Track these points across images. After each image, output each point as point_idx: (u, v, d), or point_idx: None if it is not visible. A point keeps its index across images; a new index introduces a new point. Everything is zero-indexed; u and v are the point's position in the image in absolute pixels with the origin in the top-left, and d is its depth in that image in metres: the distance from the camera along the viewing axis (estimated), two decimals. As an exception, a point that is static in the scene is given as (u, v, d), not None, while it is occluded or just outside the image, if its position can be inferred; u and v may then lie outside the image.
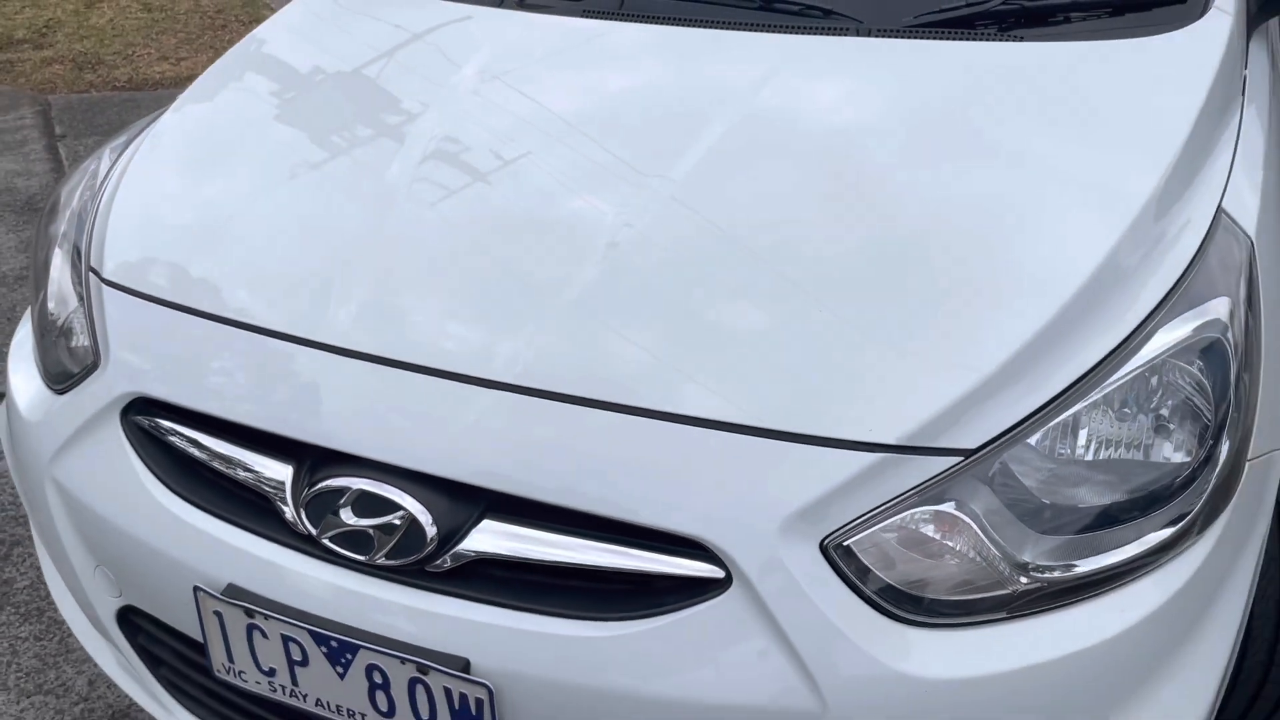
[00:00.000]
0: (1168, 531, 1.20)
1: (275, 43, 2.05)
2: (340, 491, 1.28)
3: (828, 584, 1.16)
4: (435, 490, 1.26)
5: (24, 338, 1.73)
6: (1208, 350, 1.27)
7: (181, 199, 1.65)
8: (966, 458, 1.18)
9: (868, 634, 1.15)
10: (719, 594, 1.17)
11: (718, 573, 1.18)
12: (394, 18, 2.02)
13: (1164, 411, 1.24)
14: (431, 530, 1.25)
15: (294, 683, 1.34)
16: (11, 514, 2.57)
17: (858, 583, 1.17)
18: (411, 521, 1.25)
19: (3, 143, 5.16)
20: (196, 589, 1.34)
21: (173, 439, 1.43)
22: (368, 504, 1.27)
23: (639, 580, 1.22)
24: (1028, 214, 1.37)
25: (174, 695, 1.58)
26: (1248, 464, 1.29)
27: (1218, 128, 1.56)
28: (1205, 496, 1.22)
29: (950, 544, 1.18)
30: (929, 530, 1.18)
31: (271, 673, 1.35)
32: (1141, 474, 1.23)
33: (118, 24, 7.09)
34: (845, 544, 1.17)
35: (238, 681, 1.39)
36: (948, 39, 1.72)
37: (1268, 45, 2.07)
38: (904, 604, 1.17)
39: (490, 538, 1.25)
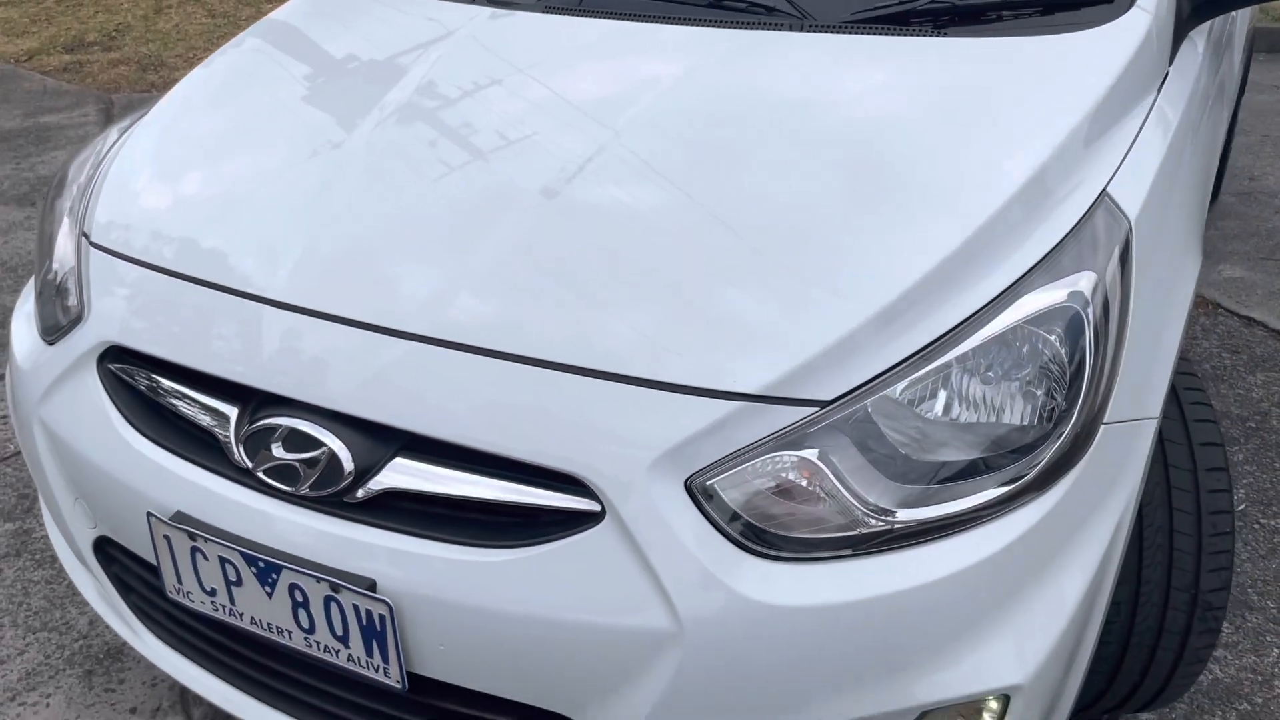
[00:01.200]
0: (1005, 489, 1.30)
1: (271, 33, 2.23)
2: (273, 429, 1.43)
3: (689, 519, 1.28)
4: (355, 430, 1.40)
5: (26, 300, 1.91)
6: (1066, 321, 1.37)
7: (164, 172, 1.83)
8: (822, 408, 1.29)
9: (723, 564, 1.26)
10: (593, 526, 1.30)
11: (594, 506, 1.30)
12: (380, 14, 2.19)
13: (1016, 375, 1.34)
14: (349, 465, 1.39)
15: (232, 601, 1.49)
16: (35, 471, 2.76)
17: (717, 518, 1.28)
18: (331, 457, 1.39)
19: (65, 136, 5.46)
20: (149, 515, 1.50)
21: (139, 383, 1.60)
22: (296, 441, 1.42)
23: (527, 513, 1.35)
24: (910, 183, 1.48)
25: (142, 620, 1.75)
26: (1103, 426, 1.37)
27: (1119, 118, 1.64)
28: (1047, 459, 1.31)
29: (806, 487, 1.29)
30: (787, 473, 1.29)
31: (213, 593, 1.50)
32: (990, 432, 1.32)
33: (182, 29, 7.41)
34: (707, 483, 1.28)
35: (186, 602, 1.54)
36: (881, 34, 1.83)
37: (1212, 47, 2.14)
38: (759, 539, 1.28)
39: (400, 474, 1.38)
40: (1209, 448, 1.64)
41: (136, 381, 1.61)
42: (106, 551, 1.74)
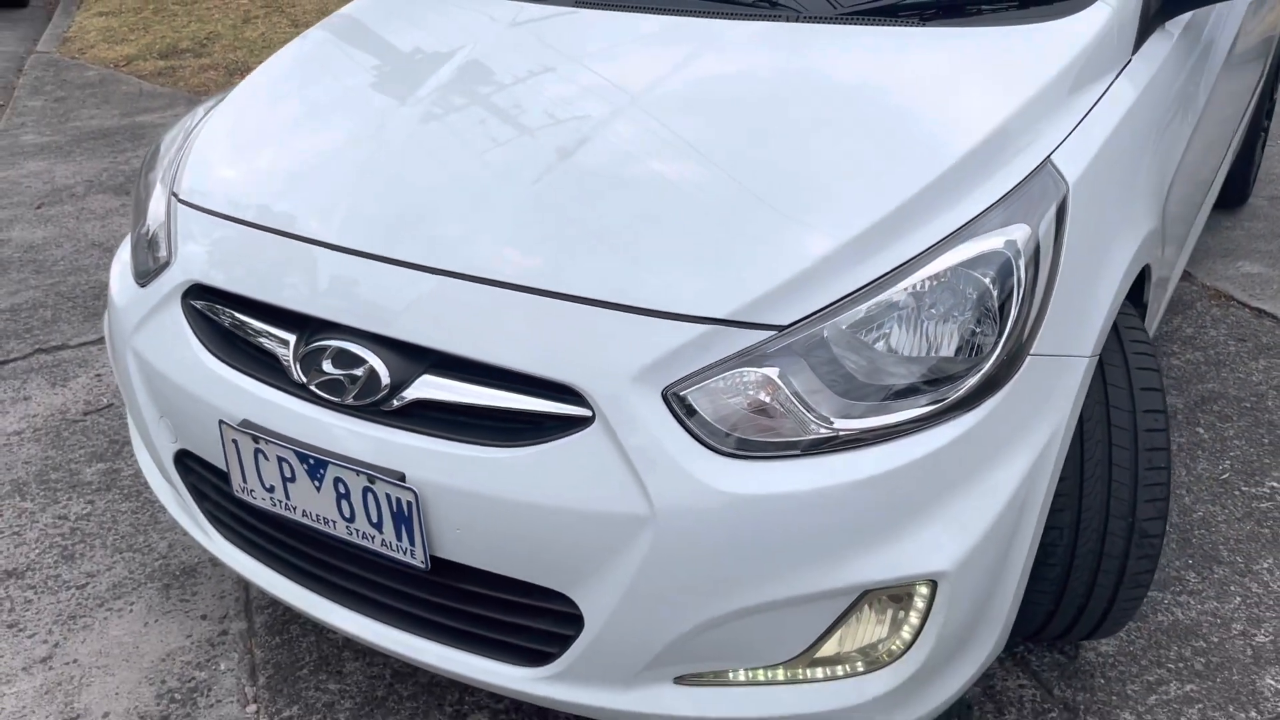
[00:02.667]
0: (931, 407, 1.51)
1: (334, 27, 2.54)
2: (324, 350, 1.70)
3: (664, 422, 1.51)
4: (391, 350, 1.67)
5: (123, 253, 2.22)
6: (999, 265, 1.58)
7: (240, 142, 2.13)
8: (780, 331, 1.52)
9: (690, 459, 1.50)
10: (585, 428, 1.54)
11: (586, 412, 1.55)
12: (435, 8, 2.48)
13: (953, 310, 1.55)
14: (386, 379, 1.65)
15: (287, 496, 1.76)
16: (126, 420, 3.10)
17: (688, 422, 1.52)
18: (371, 373, 1.66)
19: (158, 134, 5.87)
20: (221, 422, 1.78)
21: (216, 315, 1.89)
22: (343, 360, 1.69)
23: (531, 419, 1.59)
24: (876, 140, 1.72)
25: (213, 524, 2.04)
26: (1030, 357, 1.58)
27: (1072, 97, 1.85)
28: (971, 384, 1.53)
29: (765, 399, 1.52)
30: (749, 387, 1.52)
31: (271, 489, 1.77)
32: (927, 359, 1.54)
33: (268, 37, 7.84)
34: (681, 393, 1.52)
35: (250, 499, 1.82)
36: (872, 24, 2.06)
37: (1199, 44, 2.33)
38: (723, 440, 1.51)
39: (428, 387, 1.64)
40: (1148, 392, 1.83)
41: (213, 314, 1.90)
42: (185, 464, 2.03)
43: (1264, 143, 4.52)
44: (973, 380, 1.54)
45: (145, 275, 2.03)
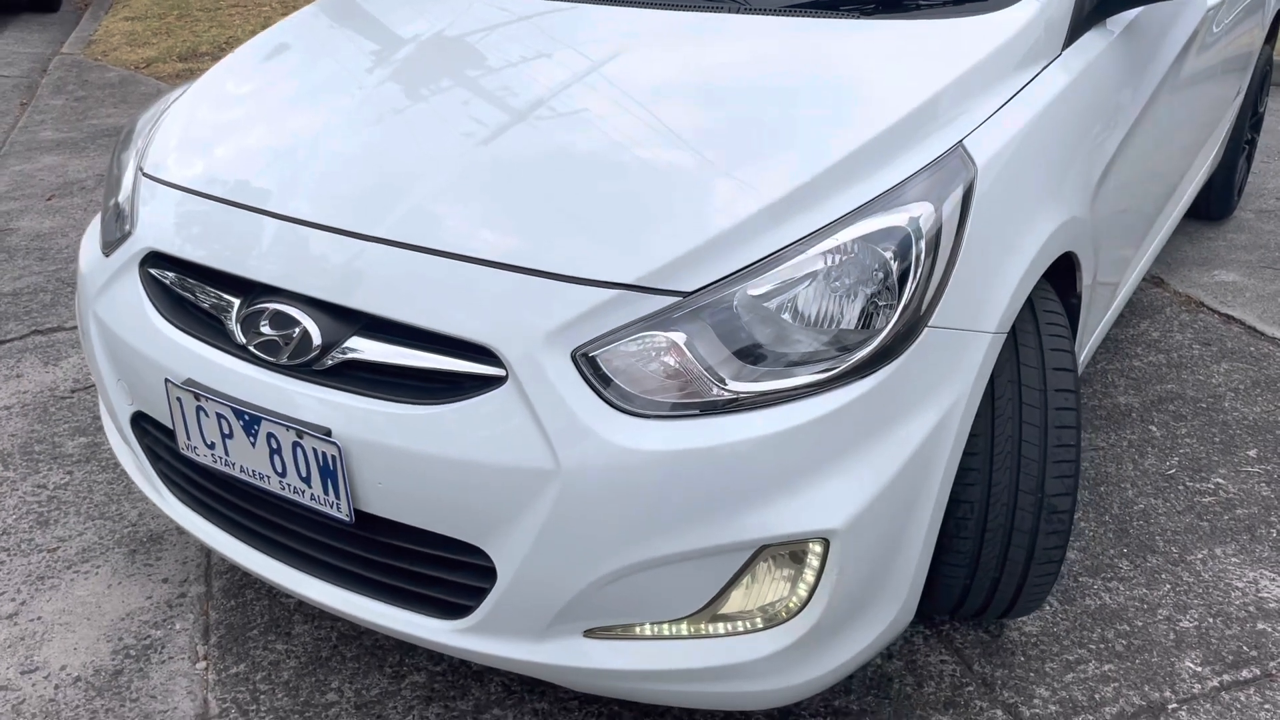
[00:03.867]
0: (824, 375, 1.58)
1: (306, 15, 2.64)
2: (263, 311, 1.79)
3: (572, 382, 1.59)
4: (324, 312, 1.75)
5: (94, 226, 2.32)
6: (899, 240, 1.65)
7: (204, 120, 2.23)
8: (684, 297, 1.59)
9: (595, 417, 1.57)
10: (499, 386, 1.62)
11: (500, 372, 1.62)
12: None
13: (854, 282, 1.62)
14: (318, 340, 1.74)
15: (226, 453, 1.85)
16: (107, 395, 3.20)
17: (595, 383, 1.59)
18: (304, 334, 1.75)
19: (168, 132, 6.00)
20: (166, 381, 1.87)
21: (168, 281, 1.98)
22: (279, 321, 1.78)
23: (451, 379, 1.67)
24: (798, 118, 1.79)
25: (166, 484, 2.13)
26: (928, 329, 1.65)
27: (992, 85, 1.92)
28: (865, 352, 1.59)
29: (670, 362, 1.59)
30: (655, 350, 1.59)
31: (212, 445, 1.86)
32: (826, 327, 1.61)
33: (284, 41, 7.96)
34: (590, 354, 1.60)
35: (194, 456, 1.91)
36: (814, 17, 2.14)
37: (1145, 47, 2.39)
38: (628, 400, 1.58)
39: (358, 348, 1.73)
40: (1060, 372, 1.89)
41: (167, 280, 1.99)
42: (141, 425, 2.12)
43: (1249, 156, 4.55)
44: (868, 350, 1.60)
45: (110, 245, 2.13)
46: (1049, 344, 1.91)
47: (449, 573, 1.75)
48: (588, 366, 1.60)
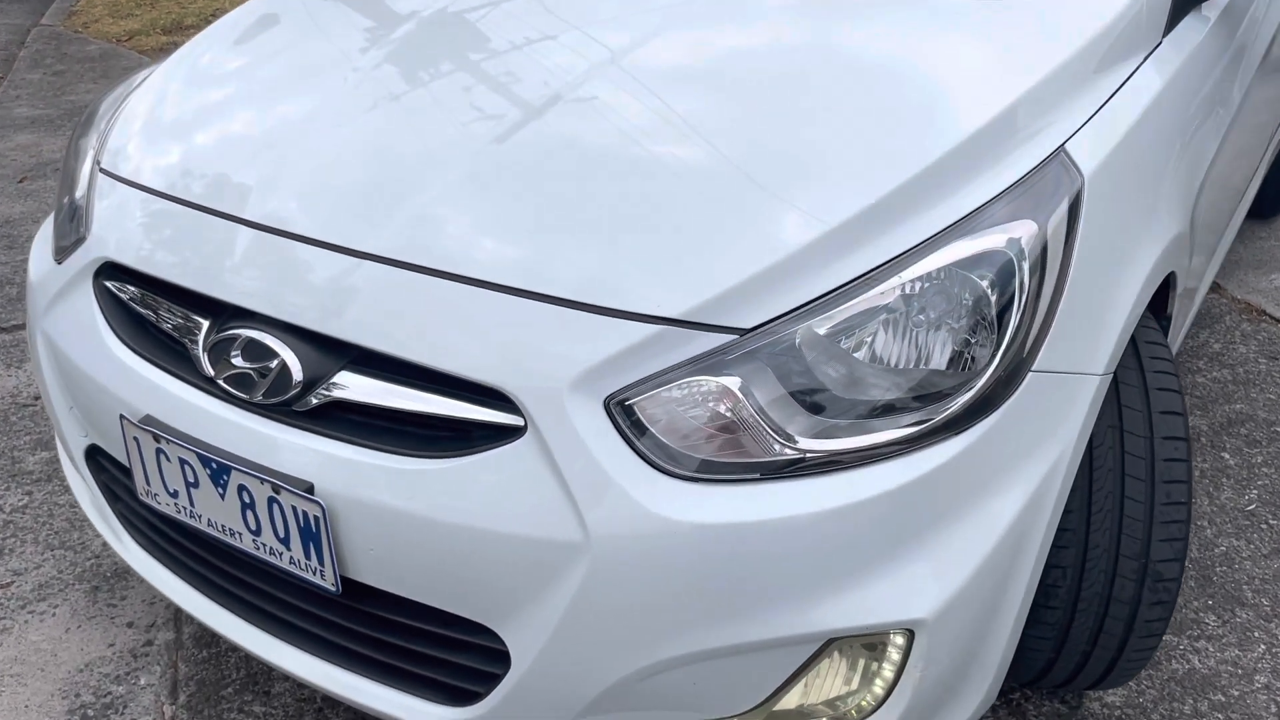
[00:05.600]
0: (914, 429, 1.30)
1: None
2: (235, 339, 1.51)
3: (604, 435, 1.31)
4: (307, 342, 1.47)
5: (46, 227, 2.03)
6: (998, 267, 1.37)
7: (170, 108, 1.93)
8: (742, 335, 1.31)
9: (632, 479, 1.29)
10: (515, 439, 1.34)
11: (517, 421, 1.35)
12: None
13: (944, 317, 1.34)
14: (299, 375, 1.46)
15: (191, 503, 1.57)
16: (72, 405, 2.91)
17: (631, 437, 1.31)
18: (283, 367, 1.46)
19: (150, 110, 5.70)
20: (122, 417, 1.59)
21: (127, 298, 1.69)
22: (254, 351, 1.49)
23: (458, 427, 1.40)
24: (869, 118, 1.50)
25: (126, 528, 1.85)
26: (1031, 374, 1.37)
27: (1092, 78, 1.63)
28: (960, 404, 1.32)
29: (722, 412, 1.31)
30: (704, 398, 1.32)
31: (175, 494, 1.58)
32: (912, 372, 1.33)
33: (274, 15, 7.64)
34: (626, 402, 1.32)
35: (154, 503, 1.63)
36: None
37: (1228, 30, 2.11)
38: (671, 459, 1.31)
39: (345, 387, 1.45)
40: (1169, 416, 1.62)
41: (124, 295, 1.70)
42: (96, 460, 1.84)
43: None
44: (964, 398, 1.33)
45: (63, 251, 1.84)
46: (1154, 382, 1.64)
47: (454, 654, 1.48)
48: (624, 417, 1.32)
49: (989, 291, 1.36)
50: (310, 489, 1.42)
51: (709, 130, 1.51)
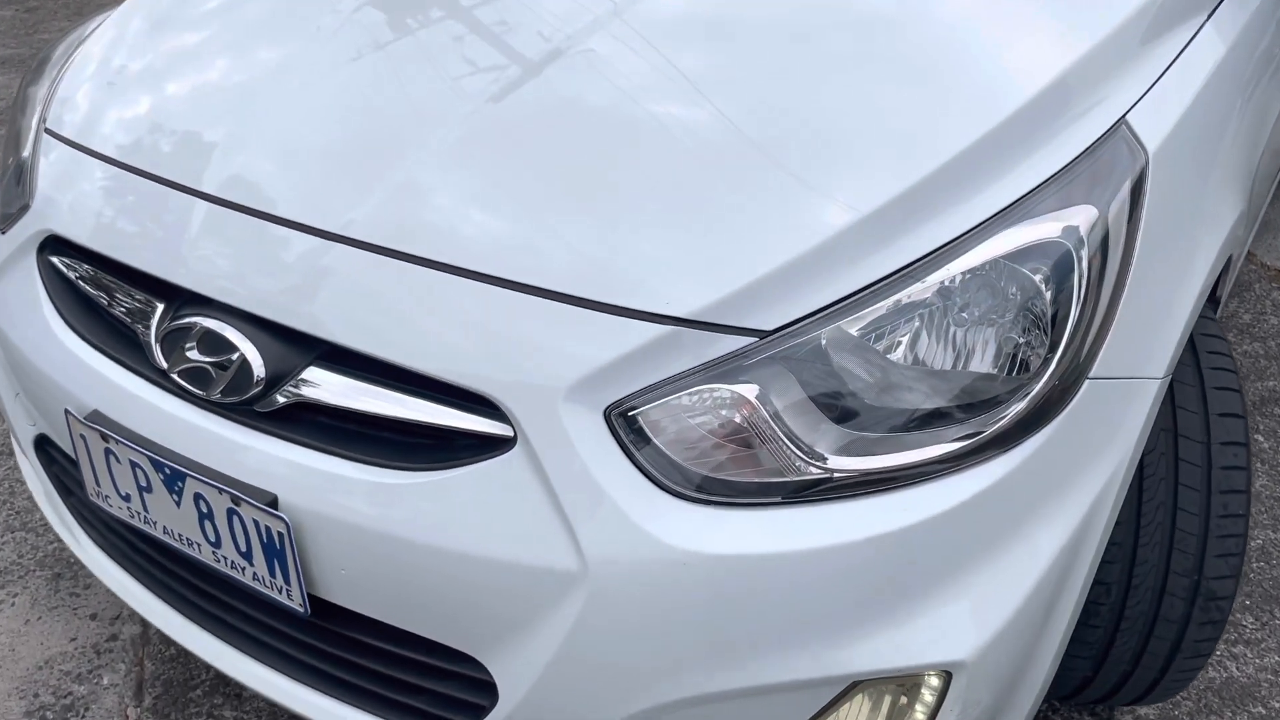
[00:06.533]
0: (960, 444, 1.15)
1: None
2: (191, 329, 1.34)
3: (604, 450, 1.15)
4: (270, 335, 1.30)
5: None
6: (1055, 259, 1.20)
7: (127, 60, 1.74)
8: (763, 338, 1.15)
9: (635, 502, 1.14)
10: (504, 451, 1.18)
11: (507, 431, 1.19)
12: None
13: (992, 316, 1.18)
14: (260, 372, 1.29)
15: (145, 509, 1.41)
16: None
17: (635, 453, 1.16)
18: (243, 362, 1.30)
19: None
20: (67, 412, 1.43)
21: (74, 276, 1.52)
22: (211, 343, 1.33)
23: (439, 435, 1.24)
24: (905, 98, 1.32)
25: (80, 524, 1.69)
26: (1089, 382, 1.21)
27: (1152, 40, 1.46)
28: (1011, 415, 1.16)
29: (739, 425, 1.15)
30: (719, 408, 1.16)
31: (128, 498, 1.42)
32: (955, 380, 1.17)
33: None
34: (629, 413, 1.16)
35: (106, 506, 1.47)
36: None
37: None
38: (681, 478, 1.15)
39: (312, 386, 1.28)
40: (1227, 419, 1.46)
41: (72, 274, 1.53)
42: (46, 450, 1.68)
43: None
44: (1015, 409, 1.17)
45: (8, 219, 1.66)
46: (1211, 380, 1.48)
47: (437, 682, 1.33)
48: (626, 430, 1.16)
49: (1044, 287, 1.19)
50: (274, 502, 1.26)
51: (726, 99, 1.33)
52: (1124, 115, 1.34)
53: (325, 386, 1.28)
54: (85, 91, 1.69)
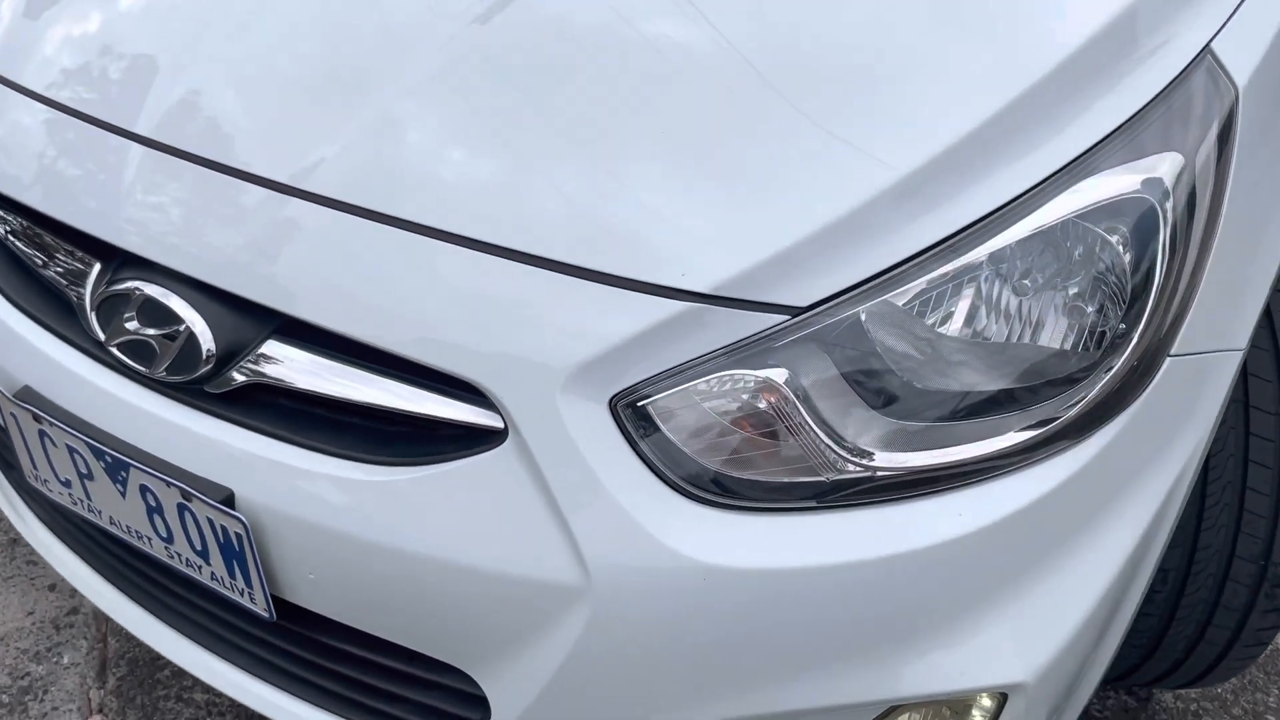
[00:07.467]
0: (1030, 433, 0.99)
1: None
2: (130, 296, 1.16)
3: (610, 447, 0.99)
4: (222, 305, 1.13)
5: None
6: (1137, 217, 1.03)
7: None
8: (795, 316, 0.98)
9: (647, 507, 0.98)
10: (494, 446, 1.02)
11: (496, 422, 1.02)
12: None
13: (1062, 284, 1.01)
14: (209, 346, 1.12)
15: (88, 496, 1.25)
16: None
17: (645, 449, 0.99)
18: (190, 337, 1.12)
19: None
20: (-6, 388, 1.26)
21: (4, 232, 1.34)
22: (153, 313, 1.15)
23: (422, 425, 1.07)
24: (954, 24, 1.12)
25: (25, 502, 1.53)
26: (1169, 359, 1.05)
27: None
28: (1090, 397, 1.00)
29: (767, 417, 0.99)
30: (743, 397, 0.99)
31: (68, 484, 1.26)
32: (1020, 356, 1.01)
33: None
34: (639, 403, 0.99)
35: (46, 491, 1.31)
36: None
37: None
38: (698, 479, 0.99)
39: (270, 364, 1.11)
40: (1304, 388, 1.30)
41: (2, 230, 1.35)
42: (-18, 421, 1.51)
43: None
44: (1093, 391, 1.01)
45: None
46: (1287, 344, 1.32)
47: (419, 692, 1.19)
48: (635, 423, 0.99)
49: (1123, 250, 1.02)
50: (229, 499, 1.10)
51: (751, 37, 1.12)
52: (1208, 44, 1.15)
53: (286, 365, 1.11)
54: (3, 17, 1.48)
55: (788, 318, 0.98)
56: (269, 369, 1.11)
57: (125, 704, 1.69)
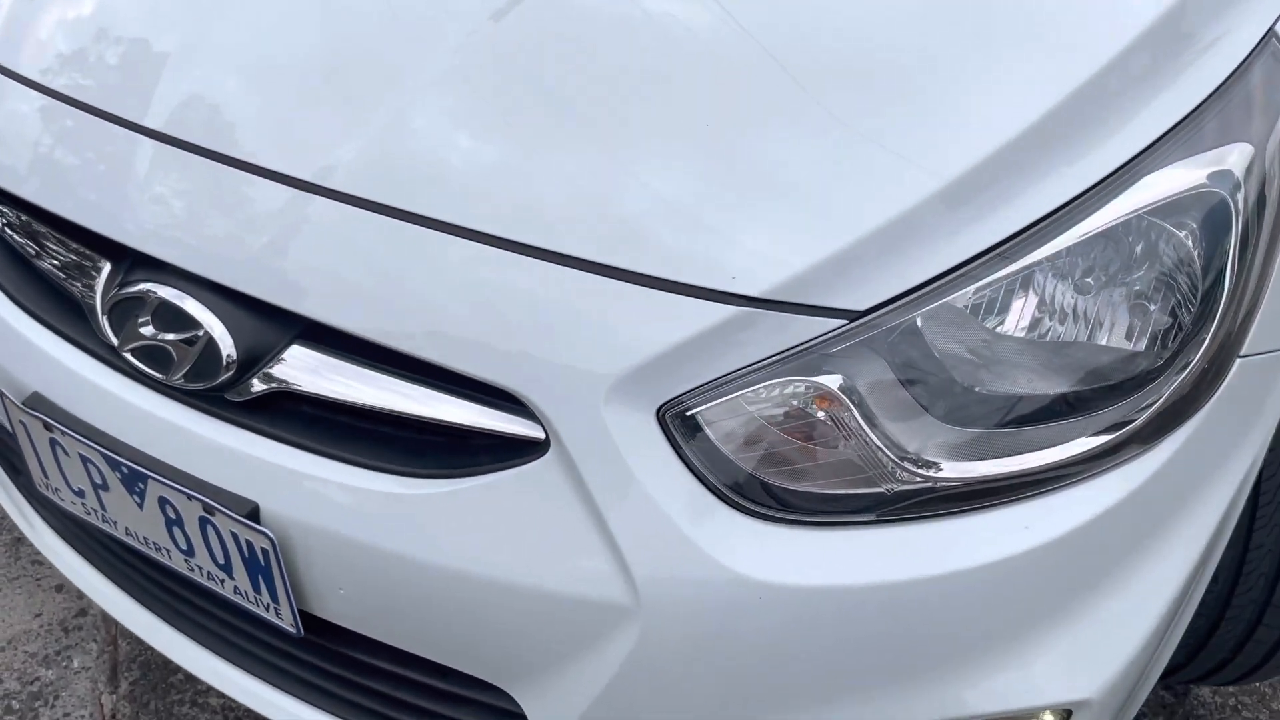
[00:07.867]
0: (1101, 439, 0.94)
1: None
2: (145, 298, 1.11)
3: (658, 458, 0.94)
4: (242, 308, 1.07)
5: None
6: (1206, 211, 0.98)
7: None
8: (853, 320, 0.93)
9: (699, 522, 0.93)
10: (533, 459, 0.97)
11: (537, 433, 0.97)
12: None
13: (1132, 286, 0.96)
14: (230, 352, 1.06)
15: (102, 507, 1.20)
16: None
17: (695, 461, 0.95)
18: (209, 343, 1.07)
19: None
20: (3, 396, 1.20)
21: (6, 231, 1.28)
22: (169, 317, 1.09)
23: (456, 435, 1.02)
24: (997, 15, 1.07)
25: (34, 506, 1.48)
26: (1239, 361, 1.00)
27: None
28: (1162, 400, 0.96)
29: (823, 426, 0.94)
30: (796, 405, 0.94)
31: (81, 494, 1.21)
32: (1085, 358, 0.96)
33: None
34: (688, 413, 0.94)
35: (58, 500, 1.26)
36: None
37: None
38: (751, 492, 0.95)
39: (296, 368, 1.06)
40: (1362, 381, 1.26)
41: (1, 223, 1.29)
42: (-12, 425, 1.46)
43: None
44: (1165, 394, 0.96)
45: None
46: (1343, 335, 1.27)
47: (452, 708, 1.15)
48: (684, 434, 0.95)
49: (1193, 247, 0.97)
50: (254, 513, 1.05)
51: (795, 26, 1.06)
52: (1273, 25, 1.10)
53: (311, 371, 1.06)
54: (4, 3, 1.41)
55: (844, 322, 0.93)
56: (293, 375, 1.06)
57: (139, 709, 1.65)
